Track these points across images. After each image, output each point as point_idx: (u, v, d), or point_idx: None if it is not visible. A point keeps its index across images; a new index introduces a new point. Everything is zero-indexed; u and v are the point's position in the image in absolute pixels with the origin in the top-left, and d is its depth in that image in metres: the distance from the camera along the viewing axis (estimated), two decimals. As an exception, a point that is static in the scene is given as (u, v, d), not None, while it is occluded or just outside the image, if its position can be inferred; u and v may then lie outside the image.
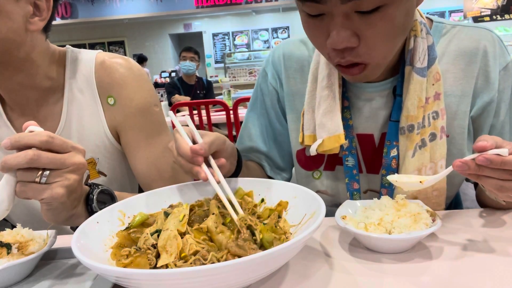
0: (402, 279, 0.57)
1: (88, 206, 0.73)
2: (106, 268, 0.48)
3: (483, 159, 0.58)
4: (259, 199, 0.74)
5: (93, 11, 9.78)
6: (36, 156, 0.60)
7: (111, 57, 0.96)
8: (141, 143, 0.94)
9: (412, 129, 0.79)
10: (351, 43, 0.66)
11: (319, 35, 0.70)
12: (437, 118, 0.80)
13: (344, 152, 0.87)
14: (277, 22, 10.99)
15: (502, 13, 5.61)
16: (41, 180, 0.62)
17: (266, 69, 1.00)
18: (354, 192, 0.87)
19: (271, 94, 0.99)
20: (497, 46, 0.83)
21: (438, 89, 0.80)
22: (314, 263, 0.63)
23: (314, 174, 0.94)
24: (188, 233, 0.58)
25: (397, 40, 0.71)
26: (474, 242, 0.67)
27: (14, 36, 0.79)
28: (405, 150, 0.80)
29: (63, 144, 0.64)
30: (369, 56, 0.69)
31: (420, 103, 0.79)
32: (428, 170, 0.80)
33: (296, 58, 0.95)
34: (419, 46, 0.79)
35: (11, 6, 0.77)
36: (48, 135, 0.62)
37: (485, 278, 0.56)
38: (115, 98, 0.93)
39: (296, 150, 0.96)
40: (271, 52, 1.01)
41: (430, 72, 0.80)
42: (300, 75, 0.94)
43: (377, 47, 0.68)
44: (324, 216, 0.57)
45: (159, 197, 0.74)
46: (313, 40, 0.74)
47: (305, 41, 0.96)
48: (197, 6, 9.46)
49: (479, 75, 0.82)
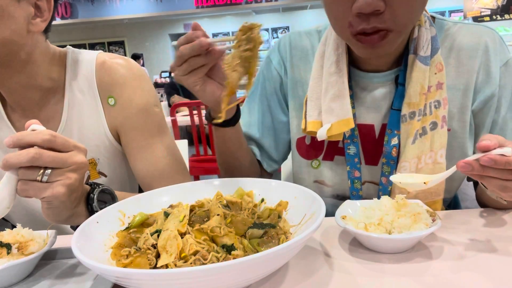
0: (402, 279, 0.57)
1: (89, 205, 0.73)
2: (106, 268, 0.48)
3: (487, 160, 0.57)
4: (259, 199, 0.74)
5: (93, 11, 9.78)
6: (38, 155, 0.60)
7: (111, 58, 0.96)
8: (141, 143, 0.94)
9: (413, 116, 0.80)
10: (379, 6, 0.68)
11: (343, 1, 0.71)
12: (439, 107, 0.81)
13: (346, 140, 0.88)
14: (277, 22, 10.99)
15: (502, 13, 5.61)
16: (43, 179, 0.62)
17: (271, 56, 1.01)
18: (355, 180, 0.88)
19: (274, 79, 1.00)
20: (498, 43, 0.84)
21: (440, 79, 0.81)
22: (314, 263, 0.63)
23: (312, 164, 0.95)
24: (188, 233, 0.58)
25: (418, 9, 0.74)
26: (474, 242, 0.67)
27: (16, 37, 0.79)
28: (406, 137, 0.81)
29: (65, 143, 0.64)
30: (393, 22, 0.71)
31: (422, 90, 0.80)
32: (428, 159, 0.81)
33: (301, 48, 0.97)
34: (423, 35, 0.81)
35: (13, 7, 0.77)
36: (51, 134, 0.62)
37: (486, 278, 0.56)
38: (115, 98, 0.94)
39: (296, 138, 0.97)
40: (276, 42, 1.03)
41: (433, 62, 0.81)
42: (304, 63, 0.96)
43: (402, 12, 0.71)
44: (324, 212, 0.57)
45: (159, 197, 0.74)
46: (335, 8, 0.74)
47: (310, 32, 0.99)
48: (197, 6, 9.46)
49: (480, 69, 0.83)
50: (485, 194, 0.80)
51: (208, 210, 0.65)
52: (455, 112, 0.84)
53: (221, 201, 0.69)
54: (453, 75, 0.84)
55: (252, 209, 0.69)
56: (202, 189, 0.76)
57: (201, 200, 0.71)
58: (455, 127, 0.85)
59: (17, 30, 0.79)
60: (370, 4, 0.68)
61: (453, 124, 0.84)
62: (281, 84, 0.99)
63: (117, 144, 0.97)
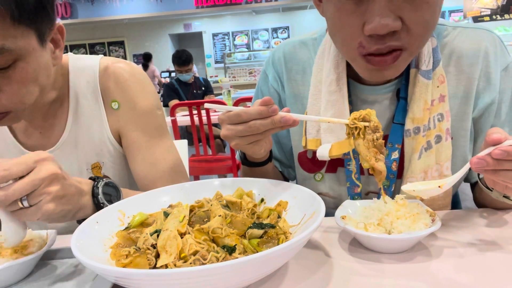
0: (402, 279, 0.57)
1: (95, 198, 0.74)
2: (105, 268, 0.48)
3: (500, 153, 0.55)
4: (259, 199, 0.74)
5: (93, 11, 9.78)
6: (3, 197, 0.58)
7: (114, 62, 0.97)
8: (142, 145, 0.95)
9: (418, 132, 0.79)
10: (395, 27, 0.65)
11: (353, 22, 0.68)
12: (442, 120, 0.79)
13: (346, 156, 0.86)
14: (277, 22, 11.00)
15: (502, 13, 5.60)
16: (25, 205, 0.61)
17: (267, 71, 0.99)
18: (355, 196, 0.87)
19: (272, 96, 0.96)
20: (498, 47, 0.83)
21: (442, 91, 0.80)
22: (314, 263, 0.63)
23: (315, 176, 0.94)
24: (188, 233, 0.58)
25: (432, 27, 0.71)
26: (474, 242, 0.67)
27: (49, 78, 0.82)
28: (411, 152, 0.80)
29: (23, 168, 0.60)
30: (408, 40, 0.68)
31: (426, 106, 0.78)
32: (434, 172, 0.80)
33: (297, 60, 0.94)
34: (424, 48, 0.79)
35: (46, 55, 0.78)
36: (2, 170, 0.59)
37: (486, 277, 0.56)
38: (119, 102, 0.94)
39: (298, 152, 0.96)
40: (270, 54, 1.00)
41: (435, 74, 0.80)
42: (301, 77, 0.93)
43: (418, 31, 0.67)
44: (324, 212, 0.57)
45: (159, 197, 0.74)
46: (345, 29, 0.70)
47: (305, 42, 0.95)
48: (197, 6, 9.46)
49: (481, 76, 0.82)
50: (484, 195, 0.79)
51: (208, 210, 0.65)
52: (456, 120, 0.83)
53: (221, 201, 0.69)
54: (453, 83, 0.83)
55: (251, 209, 0.69)
56: (202, 189, 0.76)
57: (201, 200, 0.71)
58: (456, 135, 0.83)
59: (49, 72, 0.81)
60: (386, 25, 0.64)
61: (454, 132, 0.83)
62: (279, 101, 0.98)
63: (120, 147, 0.98)
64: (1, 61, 0.70)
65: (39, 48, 0.75)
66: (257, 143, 0.72)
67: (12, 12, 0.67)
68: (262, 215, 0.69)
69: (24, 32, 0.71)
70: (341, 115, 0.82)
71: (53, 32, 0.79)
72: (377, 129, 0.67)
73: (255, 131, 0.68)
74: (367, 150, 0.67)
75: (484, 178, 0.68)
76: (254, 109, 0.67)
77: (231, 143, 0.71)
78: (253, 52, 10.40)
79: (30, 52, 0.73)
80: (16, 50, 0.70)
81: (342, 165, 0.90)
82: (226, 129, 0.70)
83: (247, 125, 0.67)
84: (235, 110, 0.69)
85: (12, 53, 0.70)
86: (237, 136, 0.69)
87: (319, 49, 0.90)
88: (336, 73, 0.84)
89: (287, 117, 0.66)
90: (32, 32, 0.73)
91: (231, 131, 0.69)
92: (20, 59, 0.72)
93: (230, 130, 0.69)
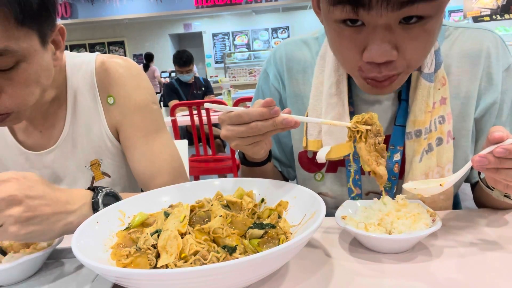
0: (402, 279, 0.57)
1: (95, 210, 0.72)
2: (106, 268, 0.48)
3: (502, 151, 0.55)
4: (259, 199, 0.74)
5: (93, 11, 9.78)
6: None
7: (110, 58, 0.97)
8: (139, 140, 0.95)
9: (420, 134, 0.79)
10: (392, 57, 0.65)
11: (352, 47, 0.68)
12: (443, 123, 0.79)
13: (346, 157, 0.85)
14: (277, 22, 11.00)
15: (502, 13, 5.60)
16: None
17: (268, 70, 0.99)
18: (356, 197, 0.87)
19: (273, 95, 0.97)
20: (500, 47, 0.83)
21: (444, 94, 0.80)
22: (314, 263, 0.63)
23: (316, 176, 0.94)
24: (189, 233, 0.58)
25: (429, 50, 0.71)
26: (474, 242, 0.67)
27: (50, 80, 0.82)
28: (412, 155, 0.80)
29: None
30: (405, 66, 0.68)
31: (427, 108, 0.78)
32: (435, 174, 0.79)
33: (298, 59, 0.94)
34: None
35: (47, 56, 0.78)
36: None
37: (486, 277, 0.56)
38: (114, 97, 0.94)
39: (298, 152, 0.95)
40: (271, 53, 1.00)
41: (436, 77, 0.79)
42: (302, 76, 0.93)
43: (415, 57, 0.68)
44: (324, 212, 0.57)
45: (159, 197, 0.74)
46: (344, 53, 0.70)
47: (306, 41, 0.95)
48: (197, 6, 9.46)
49: (483, 76, 0.82)
50: (484, 195, 0.79)
51: (209, 210, 0.65)
52: (457, 120, 0.82)
53: (221, 201, 0.69)
54: (455, 83, 0.82)
55: (252, 209, 0.69)
56: (202, 189, 0.76)
57: (201, 200, 0.71)
58: (458, 136, 0.83)
59: (51, 73, 0.82)
60: (382, 55, 0.64)
61: (455, 133, 0.83)
62: (280, 100, 0.97)
63: (118, 143, 0.98)
64: (4, 62, 0.70)
65: (41, 49, 0.75)
66: (258, 144, 0.71)
67: (16, 13, 0.67)
68: (263, 215, 0.69)
69: (27, 33, 0.71)
70: (341, 118, 0.82)
71: (54, 33, 0.80)
72: (379, 133, 0.67)
73: (256, 132, 0.67)
74: (369, 153, 0.67)
75: (485, 177, 0.68)
76: (255, 110, 0.67)
77: (232, 143, 0.71)
78: (253, 52, 10.40)
79: (32, 54, 0.73)
80: (18, 51, 0.70)
81: (342, 165, 0.90)
82: (227, 130, 0.70)
83: (248, 126, 0.67)
84: (235, 110, 0.69)
85: (14, 54, 0.70)
86: (238, 137, 0.69)
87: (320, 50, 0.90)
88: (337, 75, 0.84)
89: (289, 119, 0.66)
90: (35, 33, 0.73)
91: (231, 131, 0.69)
92: (22, 61, 0.72)
93: (230, 130, 0.69)
